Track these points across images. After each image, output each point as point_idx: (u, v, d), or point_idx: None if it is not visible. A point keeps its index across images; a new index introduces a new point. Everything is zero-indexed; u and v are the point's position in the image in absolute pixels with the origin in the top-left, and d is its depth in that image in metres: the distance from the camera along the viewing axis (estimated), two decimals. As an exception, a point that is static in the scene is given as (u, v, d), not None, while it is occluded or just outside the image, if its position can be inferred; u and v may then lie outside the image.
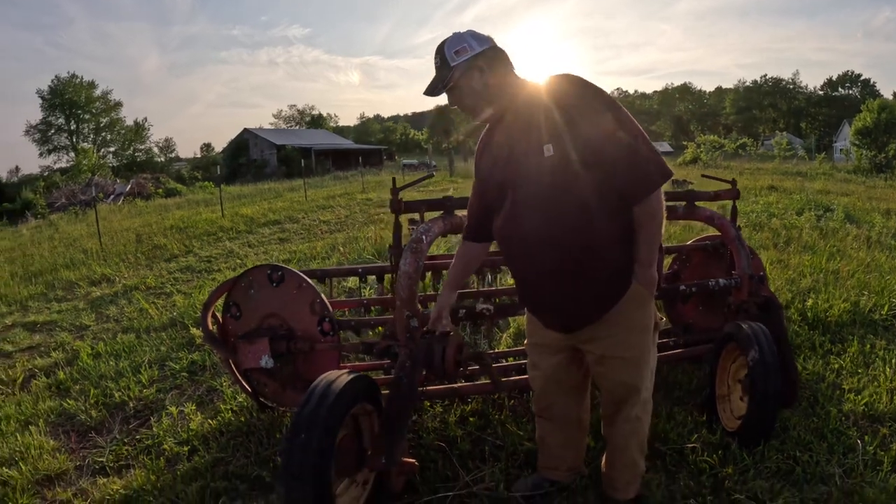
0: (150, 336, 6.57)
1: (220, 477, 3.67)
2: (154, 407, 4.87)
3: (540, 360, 2.87)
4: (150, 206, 26.30)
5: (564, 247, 2.41)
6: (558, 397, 2.92)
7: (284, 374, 3.81)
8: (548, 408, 2.97)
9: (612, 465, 2.95)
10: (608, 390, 2.76)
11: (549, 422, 3.00)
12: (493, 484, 3.25)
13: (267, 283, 3.86)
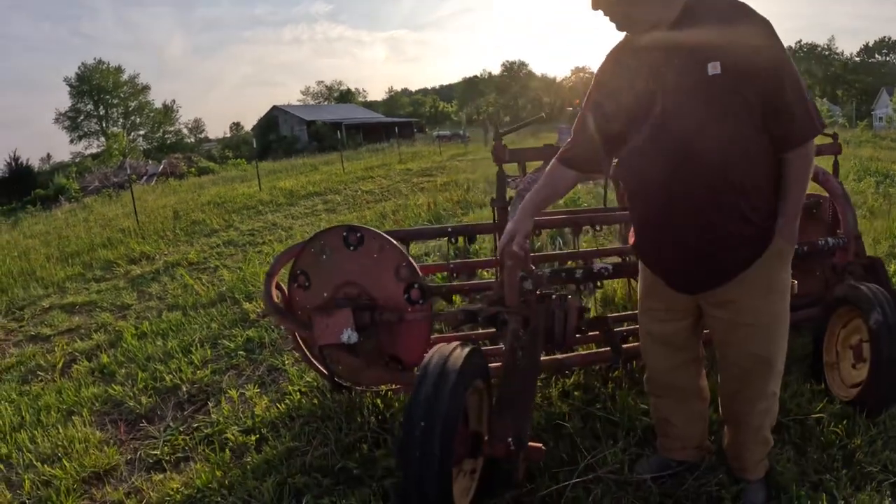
0: (198, 313, 6.03)
1: (298, 471, 3.12)
2: (210, 391, 4.32)
3: (659, 328, 2.56)
4: (183, 184, 25.95)
5: (713, 186, 2.15)
6: (680, 371, 2.62)
7: (367, 349, 3.19)
8: (668, 384, 2.66)
9: (740, 444, 2.65)
10: (734, 363, 2.46)
11: (669, 399, 2.70)
12: (616, 466, 2.85)
13: (342, 247, 3.27)
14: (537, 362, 2.48)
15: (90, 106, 74.82)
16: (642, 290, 2.61)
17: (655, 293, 2.51)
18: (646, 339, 2.66)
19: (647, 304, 2.59)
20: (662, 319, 2.54)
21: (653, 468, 2.81)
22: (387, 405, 3.59)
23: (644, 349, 2.71)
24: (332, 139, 35.69)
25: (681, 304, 2.46)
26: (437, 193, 11.53)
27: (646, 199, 2.36)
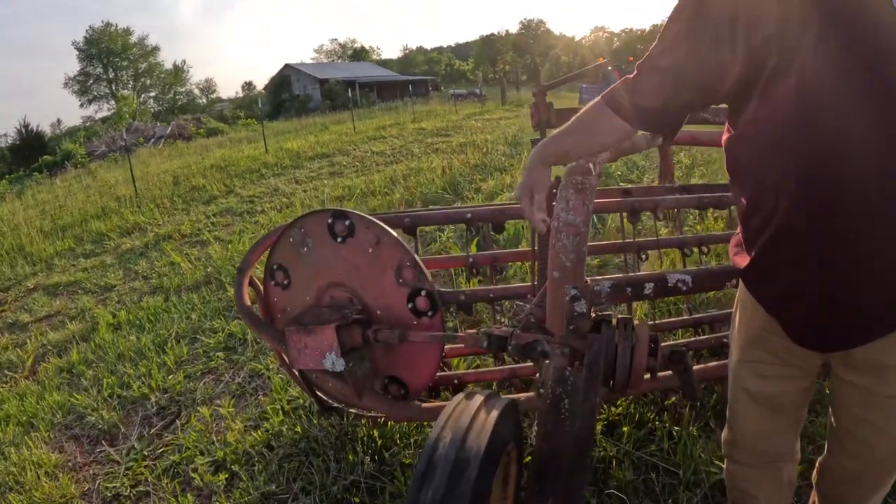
0: (179, 298, 5.32)
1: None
2: (182, 402, 3.65)
3: (763, 387, 1.87)
4: (190, 147, 24.95)
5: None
6: (777, 436, 2.00)
7: (358, 375, 2.43)
8: (759, 451, 2.04)
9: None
10: (864, 446, 1.79)
11: (755, 469, 2.09)
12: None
13: (327, 238, 2.52)
14: (592, 418, 1.72)
15: (99, 69, 73.63)
16: (745, 335, 1.89)
17: (764, 343, 1.80)
18: (739, 397, 1.98)
19: (749, 355, 1.88)
20: (769, 376, 1.85)
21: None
22: (385, 439, 2.86)
23: (734, 409, 2.02)
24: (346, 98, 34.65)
25: (802, 360, 1.77)
26: (452, 156, 10.63)
27: (807, 192, 1.45)
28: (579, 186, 2.04)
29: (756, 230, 1.59)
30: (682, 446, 2.71)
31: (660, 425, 2.88)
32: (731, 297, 4.02)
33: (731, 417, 2.06)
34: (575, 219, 2.00)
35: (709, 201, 3.34)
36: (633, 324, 1.92)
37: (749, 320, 1.84)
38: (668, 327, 3.37)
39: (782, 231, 1.51)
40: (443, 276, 4.79)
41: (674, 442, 2.79)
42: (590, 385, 1.77)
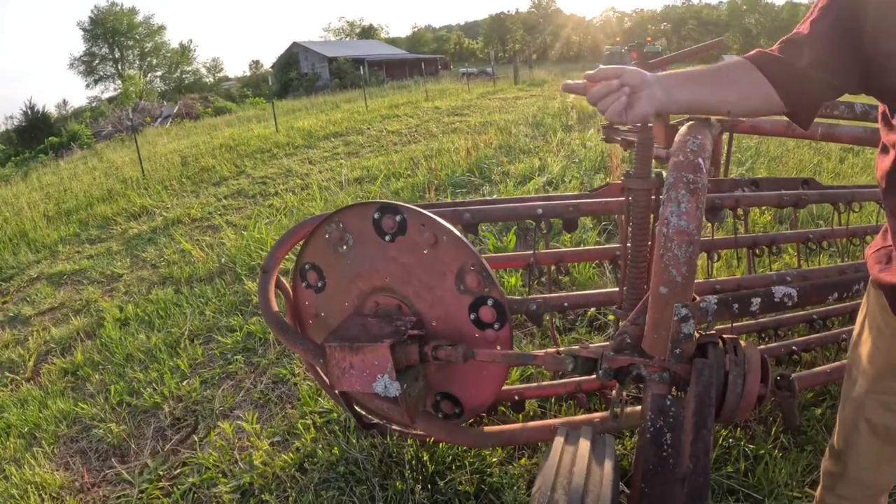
0: (192, 291, 4.93)
1: None
2: (199, 412, 3.26)
3: (889, 420, 1.61)
4: (198, 126, 24.51)
5: None
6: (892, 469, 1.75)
7: (413, 397, 2.04)
8: (869, 485, 1.79)
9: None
10: None
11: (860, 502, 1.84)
12: None
13: (372, 235, 2.12)
14: (706, 460, 1.36)
15: (105, 49, 72.85)
16: (879, 364, 1.61)
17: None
18: (859, 429, 1.72)
19: (881, 387, 1.62)
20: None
21: None
22: (437, 463, 2.47)
23: (850, 440, 1.78)
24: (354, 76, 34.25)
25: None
26: (473, 136, 10.18)
27: None
28: (692, 186, 1.65)
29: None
30: (762, 469, 2.41)
31: (734, 443, 2.54)
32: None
33: (843, 449, 1.81)
34: (689, 225, 1.60)
35: (789, 199, 2.99)
36: (741, 346, 1.57)
37: (889, 349, 1.55)
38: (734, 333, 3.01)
39: None
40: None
41: (750, 463, 2.49)
42: (702, 420, 1.40)
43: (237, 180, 9.49)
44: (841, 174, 6.77)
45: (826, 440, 2.63)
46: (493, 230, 5.08)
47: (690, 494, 1.34)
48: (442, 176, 7.42)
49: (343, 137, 12.80)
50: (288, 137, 13.28)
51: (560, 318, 3.54)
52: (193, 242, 6.36)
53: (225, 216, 7.40)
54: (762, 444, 2.57)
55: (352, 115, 17.12)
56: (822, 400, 2.92)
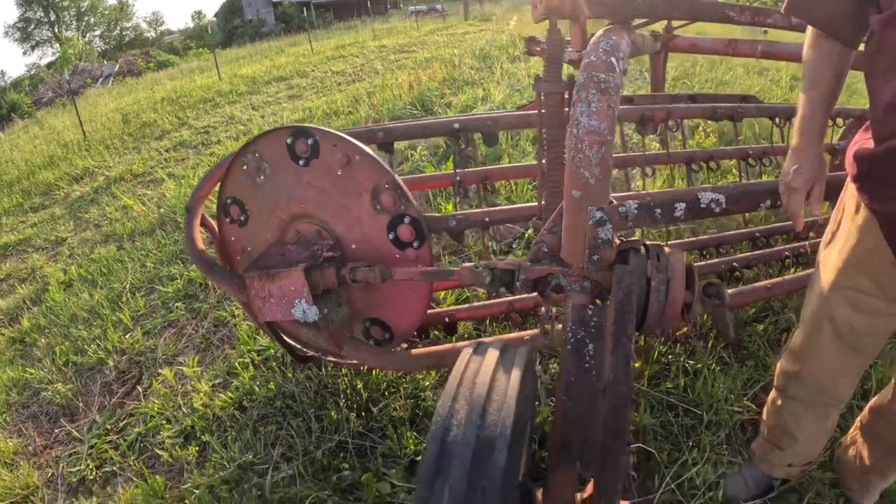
0: (133, 245, 4.84)
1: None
2: (143, 363, 3.25)
3: (855, 321, 1.64)
4: (140, 82, 23.60)
5: None
6: (846, 378, 1.83)
7: (336, 322, 2.03)
8: (822, 391, 1.86)
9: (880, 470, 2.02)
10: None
11: (809, 409, 1.93)
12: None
13: (287, 161, 2.08)
14: (627, 368, 1.33)
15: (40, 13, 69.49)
16: (847, 258, 1.62)
17: (872, 271, 1.55)
18: (822, 327, 1.74)
19: (848, 281, 1.63)
20: (865, 310, 1.62)
21: (749, 488, 2.15)
22: (371, 390, 2.49)
23: (810, 339, 1.80)
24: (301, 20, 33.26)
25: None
26: (418, 71, 9.97)
27: None
28: (603, 86, 1.62)
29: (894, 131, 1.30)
30: (701, 384, 2.45)
31: (674, 360, 2.59)
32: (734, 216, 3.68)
33: (803, 348, 1.83)
34: (599, 125, 1.58)
35: (724, 112, 2.97)
36: (664, 252, 1.54)
37: (859, 243, 1.56)
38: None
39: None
40: (419, 199, 4.34)
41: (690, 378, 2.53)
42: (622, 328, 1.38)
43: (179, 132, 9.24)
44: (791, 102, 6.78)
45: (769, 356, 2.68)
46: (434, 160, 5.03)
47: (612, 404, 1.31)
48: (384, 111, 7.27)
49: (287, 81, 12.49)
50: (231, 85, 12.93)
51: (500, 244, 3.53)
52: (136, 198, 6.22)
53: (167, 169, 7.23)
54: (702, 360, 2.61)
55: (297, 59, 16.65)
56: (765, 316, 2.96)
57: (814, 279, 1.76)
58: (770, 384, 2.50)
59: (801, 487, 2.19)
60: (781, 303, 3.02)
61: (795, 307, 2.97)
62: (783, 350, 1.95)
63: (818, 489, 2.17)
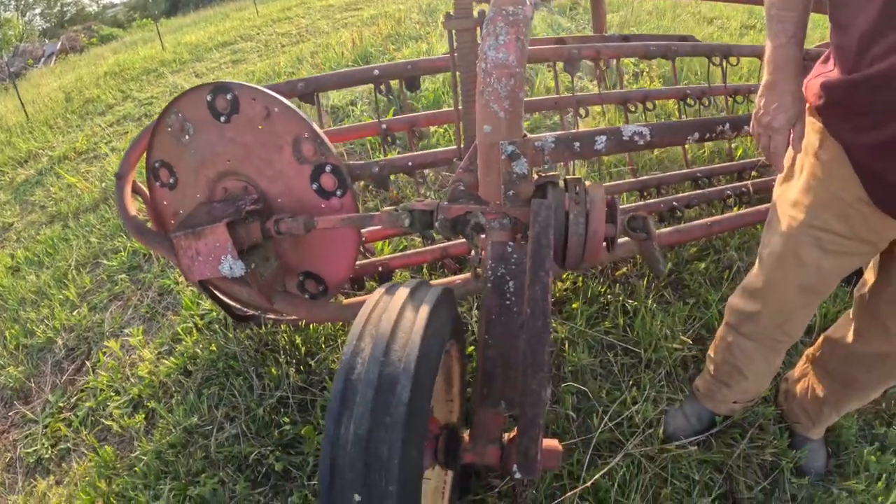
0: (78, 223, 4.74)
1: (201, 468, 2.16)
2: (91, 338, 3.23)
3: (819, 259, 1.61)
4: (84, 58, 22.69)
5: None
6: (801, 317, 1.81)
7: (266, 276, 2.02)
8: (775, 328, 1.85)
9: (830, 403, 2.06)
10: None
11: (760, 346, 1.93)
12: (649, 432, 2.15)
13: (210, 119, 2.05)
14: (545, 302, 1.34)
15: (-26, -3, 67.29)
16: (815, 196, 1.57)
17: (840, 209, 1.52)
18: (785, 267, 1.71)
19: (817, 220, 1.58)
20: (830, 250, 1.59)
21: (691, 424, 2.19)
22: (310, 344, 2.51)
23: (772, 278, 1.76)
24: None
25: (878, 236, 1.53)
26: (363, 29, 9.78)
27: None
28: (511, 18, 1.59)
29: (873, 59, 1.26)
30: (640, 322, 2.48)
31: (612, 299, 2.61)
32: (676, 158, 3.70)
33: (763, 288, 1.81)
34: (507, 57, 1.56)
35: (656, 50, 2.95)
36: (584, 185, 1.53)
37: (825, 180, 1.53)
38: (612, 192, 3.02)
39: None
40: (359, 154, 4.30)
41: (629, 317, 2.56)
42: (539, 262, 1.39)
43: (122, 106, 8.99)
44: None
45: (710, 293, 2.71)
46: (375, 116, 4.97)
47: (529, 340, 1.32)
48: (326, 69, 7.11)
49: (231, 46, 12.15)
50: (175, 54, 12.56)
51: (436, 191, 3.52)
52: (79, 175, 6.08)
53: (110, 144, 7.05)
54: (641, 299, 2.64)
55: (242, 23, 16.16)
56: (706, 254, 2.98)
57: (773, 218, 1.74)
58: (712, 321, 2.56)
59: (744, 423, 2.23)
60: (723, 241, 3.05)
61: (737, 245, 3.01)
62: (738, 288, 1.95)
63: (762, 424, 2.22)
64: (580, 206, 1.50)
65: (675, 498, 2.01)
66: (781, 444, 2.16)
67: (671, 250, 2.95)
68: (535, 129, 4.27)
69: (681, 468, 2.08)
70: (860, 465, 2.17)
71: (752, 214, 2.67)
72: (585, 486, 1.93)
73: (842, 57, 1.37)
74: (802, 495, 2.07)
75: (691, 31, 7.15)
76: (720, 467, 2.12)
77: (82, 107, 9.82)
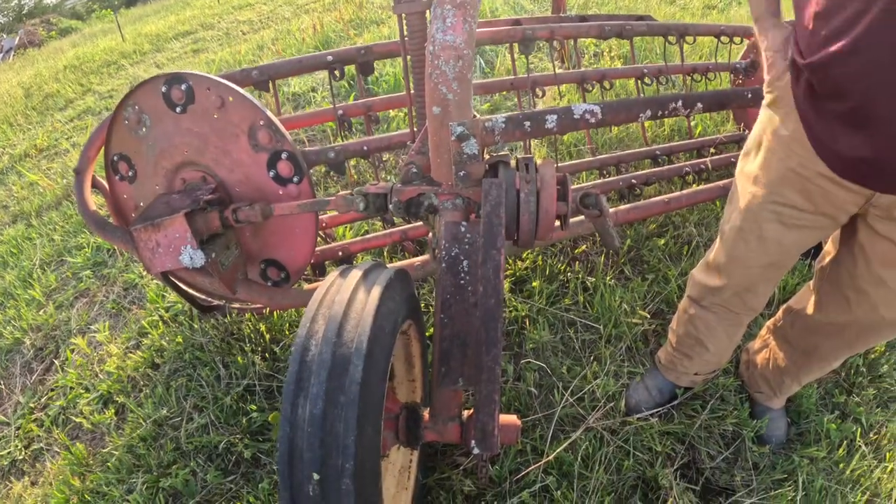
0: (41, 221, 4.69)
1: (172, 459, 2.20)
2: (58, 336, 3.20)
3: (782, 235, 1.67)
4: (42, 52, 22.30)
5: None
6: (764, 289, 1.87)
7: (227, 265, 2.03)
8: (738, 302, 1.91)
9: (792, 373, 2.10)
10: (873, 307, 1.69)
11: (722, 319, 1.98)
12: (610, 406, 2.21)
13: (165, 110, 2.05)
14: (497, 280, 1.38)
15: (-73, -10, 65.43)
16: (776, 171, 1.61)
17: (800, 183, 1.56)
18: (748, 242, 1.75)
19: (778, 196, 1.63)
20: (791, 224, 1.64)
21: (653, 397, 2.24)
22: (274, 331, 2.53)
23: (735, 253, 1.81)
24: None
25: (837, 209, 1.55)
26: (323, 14, 9.70)
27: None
28: (458, 1, 1.60)
29: (833, 32, 1.30)
30: (599, 299, 2.53)
31: (572, 277, 2.66)
32: (636, 136, 3.74)
33: (727, 263, 1.85)
34: (455, 39, 1.58)
35: (611, 30, 2.97)
36: (535, 164, 1.56)
37: (785, 155, 1.57)
38: (571, 171, 3.06)
39: (875, 29, 1.22)
40: (319, 139, 4.29)
41: (589, 294, 2.61)
42: (491, 240, 1.42)
43: (83, 100, 8.84)
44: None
45: (669, 269, 2.75)
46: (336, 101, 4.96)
47: (482, 318, 1.35)
48: (287, 56, 7.05)
49: (192, 35, 11.98)
50: (135, 45, 12.34)
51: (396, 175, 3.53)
52: (42, 172, 6.00)
53: (71, 139, 6.94)
54: (601, 277, 2.68)
55: (202, 12, 15.91)
56: (665, 231, 3.03)
57: (735, 195, 1.78)
58: (671, 296, 2.61)
59: (705, 394, 2.28)
60: (682, 217, 3.10)
61: (696, 221, 3.07)
62: (700, 262, 2.00)
63: (723, 395, 2.28)
64: (531, 185, 1.54)
65: (637, 469, 2.07)
66: (742, 413, 2.22)
67: (630, 227, 3.00)
68: (495, 110, 4.29)
69: (643, 440, 2.13)
70: (821, 433, 2.23)
71: (711, 190, 2.72)
72: (548, 459, 1.98)
73: (799, 36, 1.43)
74: (764, 463, 2.14)
75: (654, 11, 7.18)
76: (682, 438, 2.18)
77: (42, 102, 9.65)
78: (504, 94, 4.27)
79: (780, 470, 2.12)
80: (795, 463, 2.13)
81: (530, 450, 2.07)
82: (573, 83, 3.19)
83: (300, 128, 3.43)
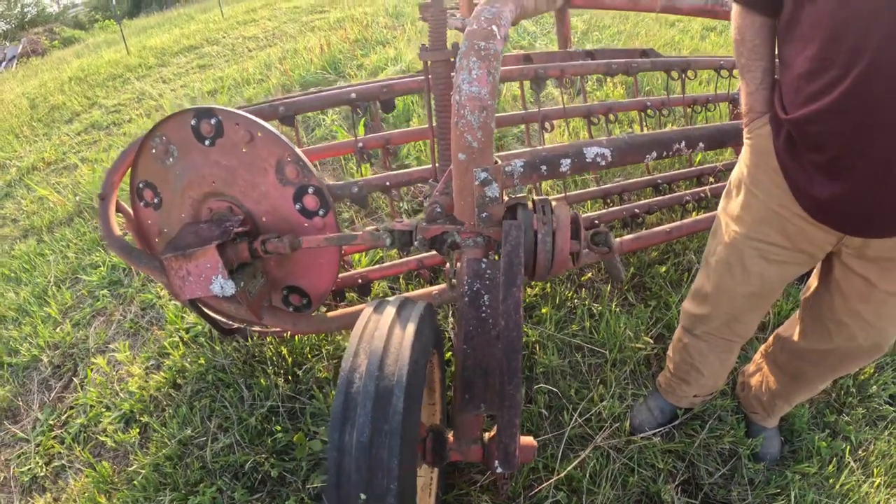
0: (53, 237, 4.78)
1: (199, 478, 2.27)
2: (76, 355, 3.29)
3: (763, 269, 1.79)
4: (46, 62, 22.38)
5: None
6: (751, 320, 1.99)
7: (254, 294, 2.13)
8: (726, 330, 2.02)
9: (783, 395, 2.23)
10: (850, 337, 1.81)
11: (714, 347, 2.10)
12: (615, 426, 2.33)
13: (193, 143, 2.14)
14: (517, 315, 1.49)
15: (-68, -1, 65.45)
16: (756, 212, 1.75)
17: (779, 223, 1.69)
18: (733, 275, 1.86)
19: (758, 234, 1.76)
20: (773, 260, 1.77)
21: (655, 417, 2.37)
22: (296, 354, 2.62)
23: (721, 286, 1.92)
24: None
25: (814, 247, 1.69)
26: (330, 33, 9.83)
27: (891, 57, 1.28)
28: (483, 53, 1.72)
29: (815, 92, 1.41)
30: (605, 325, 2.65)
31: (579, 303, 2.78)
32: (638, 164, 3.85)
33: (714, 294, 1.96)
34: (480, 91, 1.68)
35: (618, 67, 3.10)
36: (551, 205, 1.68)
37: (765, 197, 1.69)
38: (577, 200, 3.18)
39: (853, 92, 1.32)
40: (332, 165, 4.40)
41: (595, 320, 2.73)
42: (511, 279, 1.53)
43: (89, 113, 8.94)
44: (701, 52, 6.86)
45: (671, 295, 2.86)
46: (345, 125, 5.08)
47: (505, 349, 1.46)
48: (295, 77, 7.20)
49: (197, 50, 12.11)
50: (140, 59, 12.46)
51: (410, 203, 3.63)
52: (51, 187, 6.09)
53: (80, 153, 7.03)
54: (606, 304, 2.79)
55: (207, 26, 16.08)
56: (667, 258, 3.14)
57: (718, 230, 1.89)
58: (672, 321, 2.73)
59: (703, 414, 2.40)
60: (683, 245, 3.22)
61: (696, 249, 3.18)
62: (689, 293, 2.11)
63: (720, 415, 2.39)
64: (547, 226, 1.66)
65: (641, 485, 2.18)
66: (739, 432, 2.35)
67: (633, 255, 3.11)
68: (502, 137, 4.41)
69: (646, 458, 2.25)
70: (812, 450, 2.36)
71: (710, 219, 2.85)
72: (559, 477, 2.09)
73: (783, 92, 1.54)
74: (759, 479, 2.26)
75: (653, 34, 7.33)
76: (683, 456, 2.30)
77: (48, 114, 9.74)
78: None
79: (773, 485, 2.23)
80: (788, 478, 2.24)
81: (542, 467, 2.18)
82: (580, 117, 3.31)
83: (320, 158, 3.54)
